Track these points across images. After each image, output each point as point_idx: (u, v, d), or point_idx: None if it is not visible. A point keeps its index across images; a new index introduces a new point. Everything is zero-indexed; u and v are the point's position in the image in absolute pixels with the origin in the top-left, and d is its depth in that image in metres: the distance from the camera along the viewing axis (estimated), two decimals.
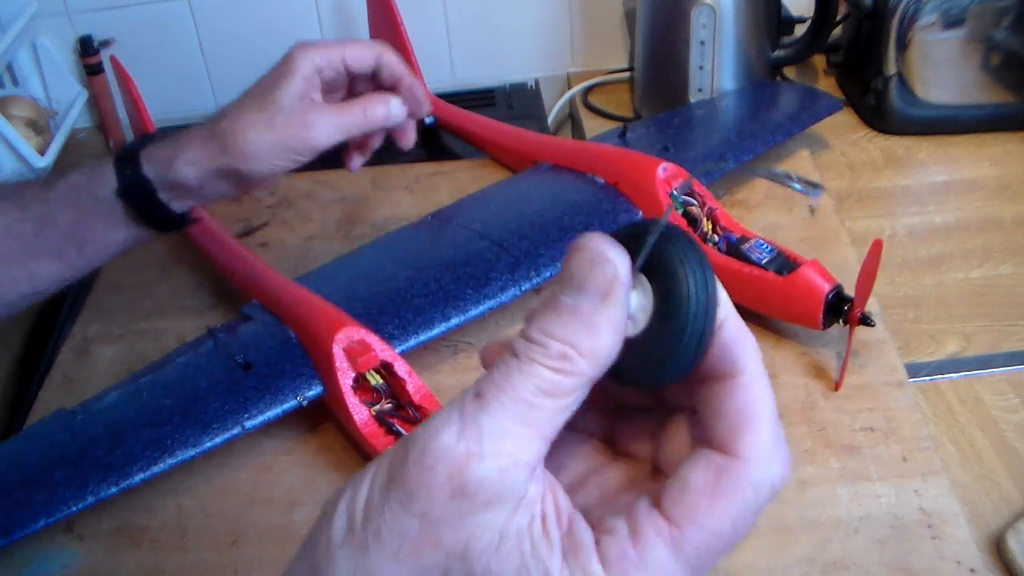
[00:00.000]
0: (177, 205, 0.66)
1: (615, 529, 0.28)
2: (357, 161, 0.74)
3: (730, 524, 0.28)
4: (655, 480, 0.32)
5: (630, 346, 0.29)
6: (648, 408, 0.33)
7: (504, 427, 0.27)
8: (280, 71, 0.64)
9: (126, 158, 0.65)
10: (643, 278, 0.29)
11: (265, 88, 0.64)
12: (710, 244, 0.77)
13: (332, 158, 0.71)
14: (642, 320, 0.29)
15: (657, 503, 0.28)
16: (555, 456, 0.32)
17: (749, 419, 0.29)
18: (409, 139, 0.71)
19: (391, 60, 0.67)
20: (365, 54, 0.66)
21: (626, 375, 0.29)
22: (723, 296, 0.30)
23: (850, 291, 0.69)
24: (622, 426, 0.34)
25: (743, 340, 0.30)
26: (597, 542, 0.28)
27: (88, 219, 0.64)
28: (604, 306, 0.28)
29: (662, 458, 0.32)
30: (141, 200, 0.64)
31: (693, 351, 0.28)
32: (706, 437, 0.29)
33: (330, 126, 0.64)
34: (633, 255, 0.29)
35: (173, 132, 0.66)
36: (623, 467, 0.33)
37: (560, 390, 0.27)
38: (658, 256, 0.29)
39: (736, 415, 0.29)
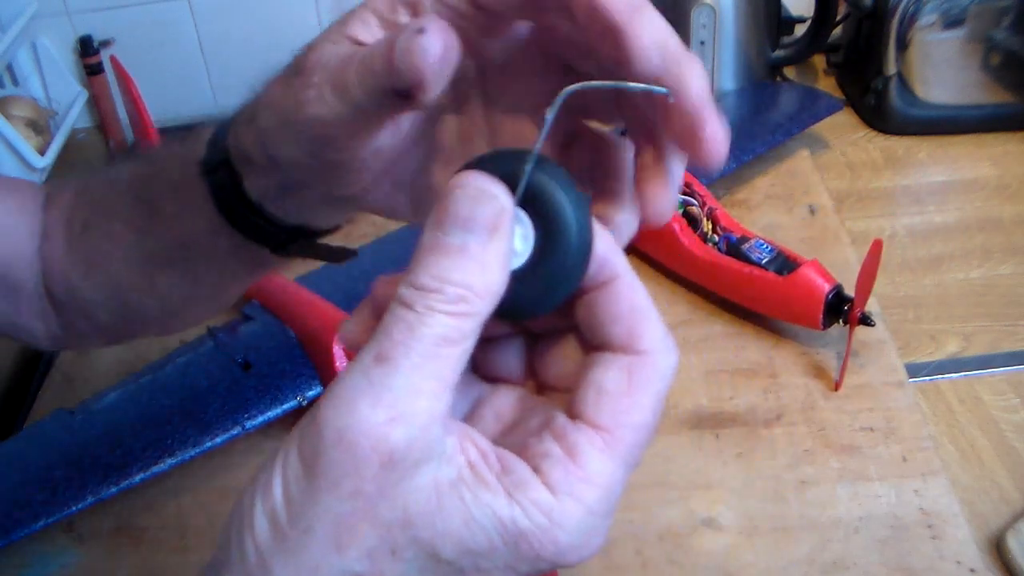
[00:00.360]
0: (273, 205, 0.42)
1: (549, 452, 0.28)
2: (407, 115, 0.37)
3: (651, 415, 0.29)
4: (545, 397, 0.32)
5: (514, 279, 0.29)
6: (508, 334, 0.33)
7: (415, 384, 0.26)
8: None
9: (227, 118, 0.43)
10: (519, 209, 0.29)
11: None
12: (710, 244, 0.77)
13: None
14: (525, 251, 0.29)
15: (574, 415, 0.28)
16: None
17: (642, 315, 0.29)
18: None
19: None
20: None
21: (513, 309, 0.29)
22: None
23: (850, 291, 0.69)
24: (486, 353, 0.33)
25: (610, 244, 0.30)
26: (536, 470, 0.27)
27: (185, 208, 0.44)
28: (493, 242, 0.27)
29: (548, 375, 0.32)
30: (221, 183, 0.42)
31: (580, 272, 0.29)
32: (602, 342, 0.30)
33: (328, 74, 0.34)
34: (508, 183, 0.29)
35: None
36: (504, 392, 0.32)
37: (461, 335, 0.27)
38: (532, 185, 0.29)
39: (630, 314, 0.29)
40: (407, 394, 0.26)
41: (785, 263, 0.73)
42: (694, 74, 0.30)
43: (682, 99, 0.30)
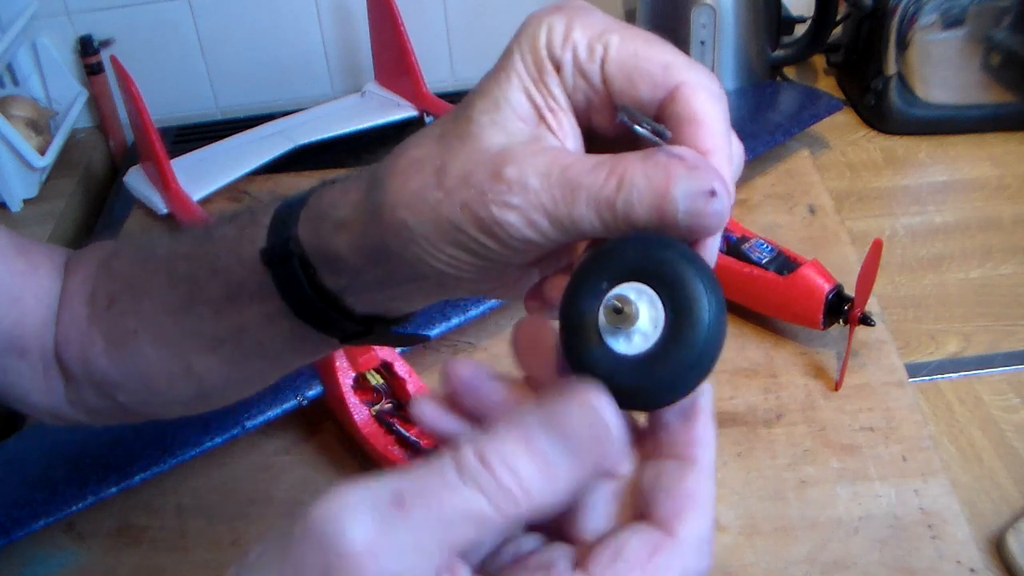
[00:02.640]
0: (352, 300, 0.40)
1: None
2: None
3: None
4: (564, 541, 0.30)
5: (640, 364, 0.28)
6: None
7: (417, 542, 0.25)
8: (498, 63, 0.33)
9: (289, 207, 0.40)
10: (648, 291, 0.28)
11: (469, 97, 0.33)
12: None
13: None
14: (652, 334, 0.28)
15: (582, 566, 0.27)
16: None
17: (696, 504, 0.28)
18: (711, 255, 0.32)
19: (703, 106, 0.31)
20: (650, 63, 0.31)
21: (636, 396, 0.28)
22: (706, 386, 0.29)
23: (850, 291, 0.70)
24: None
25: (710, 431, 0.29)
26: None
27: (238, 294, 0.42)
28: (579, 472, 0.26)
29: (578, 524, 0.30)
30: (289, 275, 0.39)
31: (711, 362, 0.28)
32: (645, 510, 0.28)
33: (541, 202, 0.30)
34: (640, 264, 0.28)
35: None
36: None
37: (488, 523, 0.25)
38: (669, 270, 0.28)
39: (685, 497, 0.28)
40: (403, 548, 0.25)
41: (785, 263, 0.73)
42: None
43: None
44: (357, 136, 1.06)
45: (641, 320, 0.28)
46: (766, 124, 0.96)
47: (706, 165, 0.29)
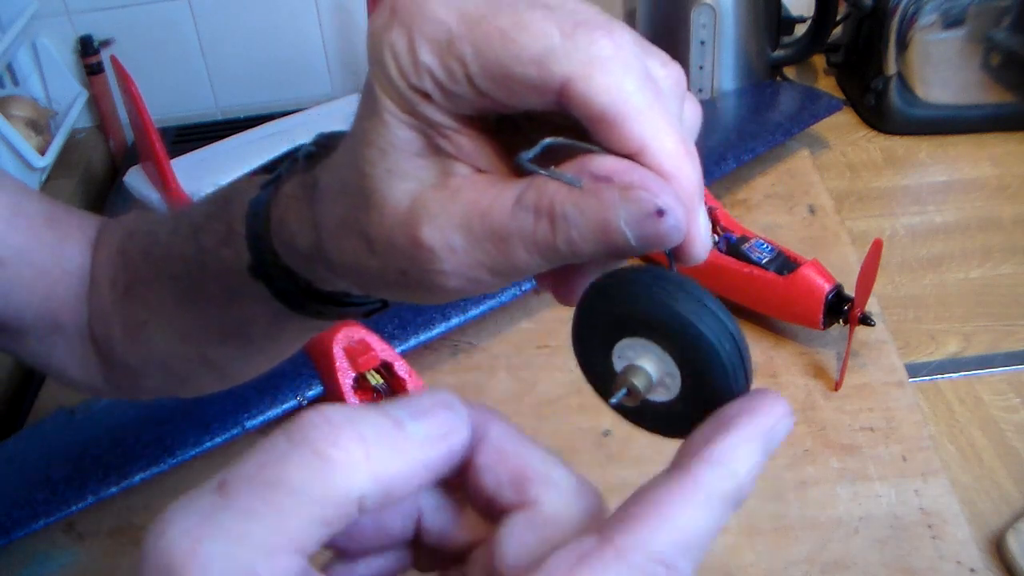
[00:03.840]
0: (353, 292, 0.38)
1: None
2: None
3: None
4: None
5: (673, 407, 0.27)
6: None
7: (244, 531, 0.22)
8: (364, 104, 0.30)
9: (254, 216, 0.37)
10: (647, 343, 0.26)
11: (358, 145, 0.29)
12: (710, 244, 0.77)
13: None
14: (674, 386, 0.26)
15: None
16: None
17: (657, 515, 0.25)
18: (696, 249, 0.29)
19: (606, 93, 0.24)
20: (518, 66, 0.25)
21: (684, 433, 0.27)
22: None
23: (850, 291, 0.70)
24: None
25: (731, 450, 0.25)
26: None
27: (239, 295, 0.40)
28: (428, 441, 0.24)
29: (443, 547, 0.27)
30: (279, 287, 0.38)
31: (741, 388, 0.27)
32: (489, 503, 0.26)
33: (474, 258, 0.27)
34: (623, 315, 0.26)
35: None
36: None
37: (327, 500, 0.23)
38: (663, 320, 0.25)
39: (644, 503, 0.26)
40: (235, 538, 0.22)
41: (785, 263, 0.73)
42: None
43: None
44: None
45: (656, 378, 0.26)
46: (766, 124, 0.96)
47: (642, 179, 0.24)
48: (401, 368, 0.65)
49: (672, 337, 0.25)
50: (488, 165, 0.27)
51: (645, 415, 0.28)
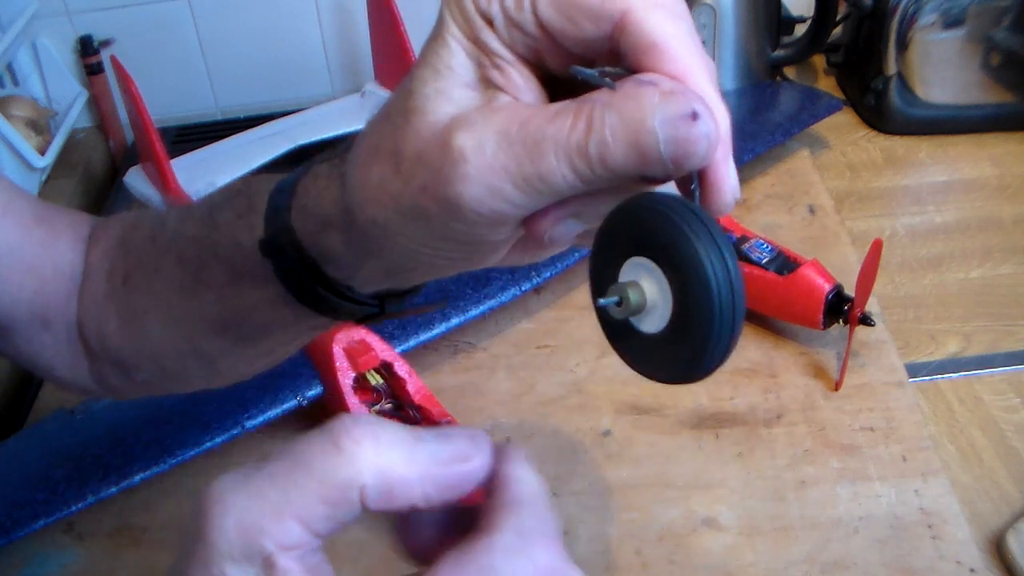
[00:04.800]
0: (357, 284, 0.38)
1: None
2: (561, 227, 0.30)
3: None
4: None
5: (651, 345, 0.27)
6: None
7: (262, 491, 0.27)
8: (432, 32, 0.30)
9: (279, 192, 0.38)
10: (652, 266, 0.26)
11: (412, 68, 0.31)
12: None
13: None
14: (661, 318, 0.26)
15: None
16: None
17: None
18: (724, 193, 0.29)
19: (659, 29, 0.27)
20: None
21: (649, 374, 0.28)
22: None
23: (850, 291, 0.70)
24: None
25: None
26: None
27: (241, 278, 0.40)
28: (443, 457, 0.28)
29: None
30: (292, 267, 0.37)
31: (721, 353, 0.26)
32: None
33: (502, 165, 0.27)
34: (638, 234, 0.26)
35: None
36: None
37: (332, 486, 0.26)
38: (664, 237, 0.25)
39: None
40: (255, 496, 0.27)
41: (785, 263, 0.73)
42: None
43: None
44: (357, 136, 1.05)
45: (650, 299, 0.27)
46: (766, 124, 0.96)
47: (682, 88, 0.26)
48: (401, 368, 0.65)
49: (676, 267, 0.26)
50: (533, 102, 0.29)
51: (625, 338, 0.28)
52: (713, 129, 0.25)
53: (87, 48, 1.12)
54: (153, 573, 0.62)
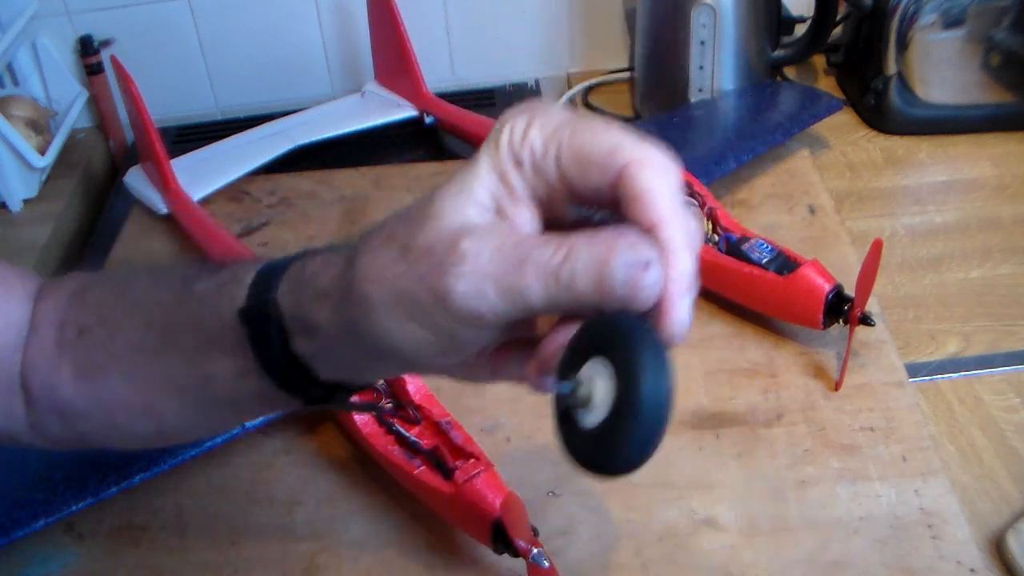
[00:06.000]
0: (321, 367, 0.41)
1: None
2: (536, 375, 0.36)
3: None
4: None
5: (586, 435, 0.31)
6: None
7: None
8: (471, 160, 0.36)
9: (271, 271, 0.42)
10: (606, 365, 0.30)
11: (442, 186, 0.36)
12: (710, 244, 0.77)
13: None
14: (600, 413, 0.30)
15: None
16: None
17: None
18: (673, 325, 0.33)
19: (647, 183, 0.33)
20: (596, 149, 0.34)
21: (591, 468, 0.32)
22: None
23: (850, 291, 0.70)
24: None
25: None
26: None
27: (211, 346, 0.43)
28: None
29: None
30: (264, 336, 0.41)
31: (645, 450, 0.30)
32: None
33: (491, 271, 0.33)
34: (597, 342, 0.31)
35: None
36: None
37: None
38: (620, 346, 0.30)
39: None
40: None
41: (785, 263, 0.73)
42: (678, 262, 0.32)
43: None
44: (357, 136, 1.06)
45: (597, 396, 0.31)
46: (766, 124, 0.96)
47: (645, 241, 0.32)
48: None
49: (623, 374, 0.30)
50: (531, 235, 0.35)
51: (567, 425, 0.32)
52: (660, 279, 0.31)
53: (87, 48, 1.12)
54: (153, 573, 0.62)
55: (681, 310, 0.32)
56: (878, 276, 0.69)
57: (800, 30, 1.07)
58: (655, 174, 0.33)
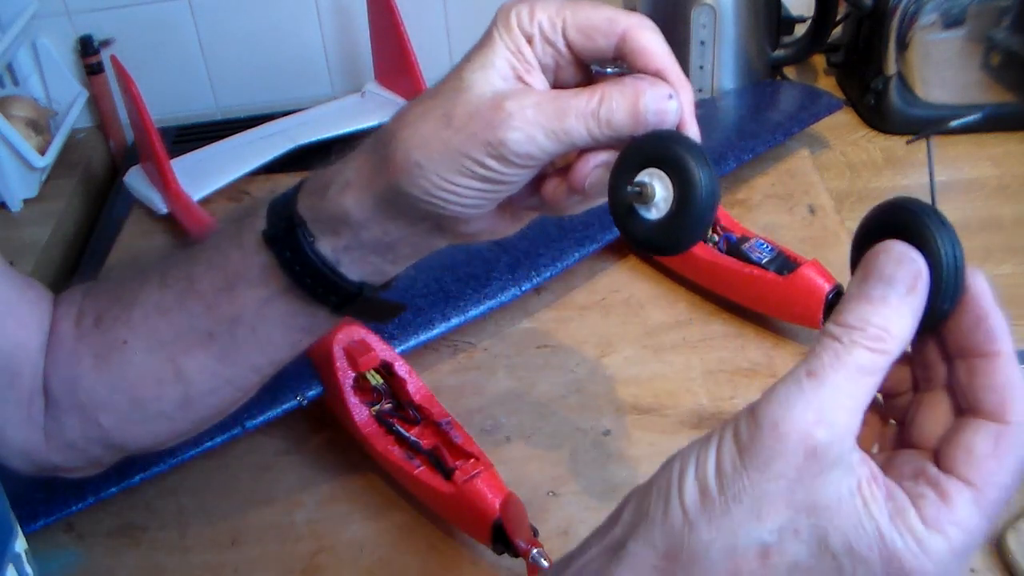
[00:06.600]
0: (347, 264, 0.46)
1: (924, 494, 0.32)
2: (566, 196, 0.44)
3: (1012, 479, 0.33)
4: (906, 447, 0.36)
5: (655, 225, 0.39)
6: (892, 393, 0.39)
7: (838, 400, 0.31)
8: (480, 42, 0.43)
9: (286, 194, 0.47)
10: (660, 172, 0.39)
11: (457, 68, 0.43)
12: (710, 244, 0.77)
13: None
14: (664, 208, 0.39)
15: (944, 469, 0.33)
16: None
17: (1015, 390, 0.33)
18: (692, 132, 0.43)
19: (647, 41, 0.42)
20: (598, 20, 0.42)
21: (655, 247, 0.40)
22: (979, 281, 0.36)
23: None
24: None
25: (1000, 319, 0.34)
26: (913, 504, 0.32)
27: (234, 283, 0.46)
28: (910, 297, 0.33)
29: (915, 430, 0.36)
30: (290, 247, 0.45)
31: (704, 230, 0.40)
32: (973, 406, 0.34)
33: (537, 120, 0.40)
34: (652, 154, 0.39)
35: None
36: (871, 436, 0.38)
37: (875, 367, 0.32)
38: (672, 155, 0.39)
39: (1004, 387, 0.33)
40: (831, 406, 0.31)
41: (785, 263, 0.73)
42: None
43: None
44: (357, 136, 1.05)
45: (657, 196, 0.39)
46: (766, 123, 0.96)
47: (660, 81, 0.41)
48: (401, 368, 0.65)
49: (672, 166, 0.39)
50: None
51: (632, 219, 0.40)
52: (679, 106, 0.41)
53: (87, 48, 1.12)
54: (153, 573, 0.62)
55: (695, 125, 0.42)
56: None
57: (800, 30, 1.07)
58: (650, 34, 0.42)
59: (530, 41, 0.42)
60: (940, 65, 0.98)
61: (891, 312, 0.32)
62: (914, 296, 0.33)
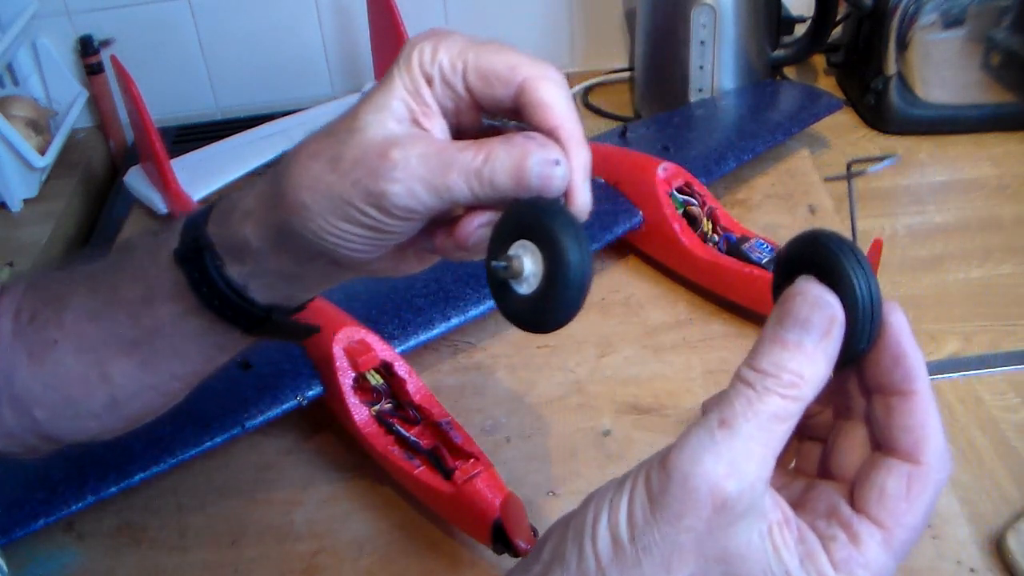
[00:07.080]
0: (256, 288, 0.46)
1: (835, 536, 0.33)
2: (454, 249, 0.42)
3: (922, 520, 0.33)
4: (825, 482, 0.36)
5: (524, 300, 0.37)
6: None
7: (749, 449, 0.31)
8: (382, 80, 0.41)
9: (199, 214, 0.47)
10: (532, 245, 0.37)
11: (356, 106, 0.41)
12: (710, 244, 0.77)
13: None
14: (534, 283, 0.37)
15: (856, 508, 0.33)
16: None
17: (929, 432, 0.33)
18: (579, 206, 0.40)
19: (546, 94, 0.39)
20: (499, 67, 0.39)
21: (532, 326, 0.38)
22: (898, 319, 0.34)
23: None
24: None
25: (918, 358, 0.34)
26: (823, 547, 0.32)
27: (152, 296, 0.47)
28: (824, 342, 0.33)
29: (835, 457, 0.36)
30: (198, 268, 0.45)
31: (574, 310, 0.37)
32: (888, 444, 0.34)
33: (419, 174, 0.38)
34: (526, 225, 0.37)
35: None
36: (781, 474, 0.38)
37: (788, 414, 0.32)
38: (543, 228, 0.36)
39: (919, 429, 0.33)
40: (743, 456, 0.31)
41: None
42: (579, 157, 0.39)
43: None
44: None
45: (526, 271, 0.37)
46: (766, 123, 0.96)
47: (551, 143, 0.38)
48: (401, 368, 0.65)
49: (550, 247, 0.36)
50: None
51: (504, 293, 0.38)
52: (567, 172, 0.38)
53: (87, 48, 1.12)
54: (153, 573, 0.62)
55: (585, 193, 0.39)
56: (878, 276, 0.69)
57: (800, 30, 1.07)
58: (551, 86, 0.39)
59: (430, 82, 0.39)
60: (940, 65, 0.98)
61: (805, 358, 0.32)
62: (829, 341, 0.33)
